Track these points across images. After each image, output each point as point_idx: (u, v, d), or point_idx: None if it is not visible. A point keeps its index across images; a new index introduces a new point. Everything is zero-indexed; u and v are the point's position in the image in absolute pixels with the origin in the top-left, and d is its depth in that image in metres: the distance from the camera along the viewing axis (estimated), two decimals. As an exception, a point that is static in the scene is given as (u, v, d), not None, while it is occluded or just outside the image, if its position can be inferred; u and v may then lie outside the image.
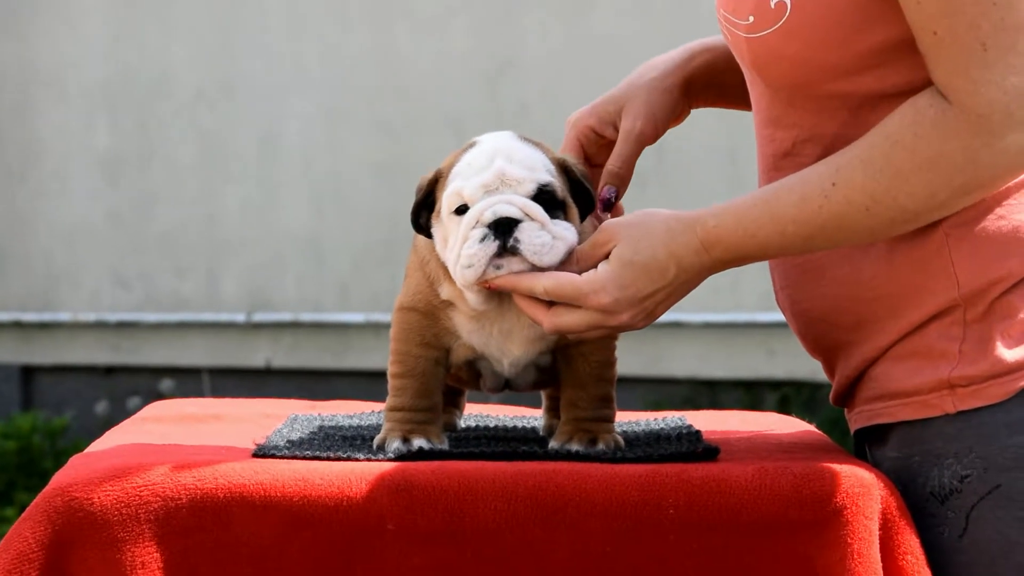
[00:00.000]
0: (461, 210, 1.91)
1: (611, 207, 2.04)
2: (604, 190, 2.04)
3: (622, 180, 2.05)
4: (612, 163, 2.06)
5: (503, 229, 1.88)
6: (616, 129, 2.08)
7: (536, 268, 1.89)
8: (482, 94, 6.56)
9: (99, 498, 1.78)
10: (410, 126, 6.63)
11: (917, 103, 1.81)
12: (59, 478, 1.82)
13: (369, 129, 6.71)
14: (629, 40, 6.34)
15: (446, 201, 1.93)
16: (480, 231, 1.89)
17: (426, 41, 6.63)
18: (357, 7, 6.71)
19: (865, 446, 2.02)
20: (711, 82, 2.11)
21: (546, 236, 1.89)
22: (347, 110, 6.72)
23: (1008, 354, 1.85)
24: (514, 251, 1.89)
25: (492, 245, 1.88)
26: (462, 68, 6.59)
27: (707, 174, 6.16)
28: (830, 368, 2.02)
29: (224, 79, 6.85)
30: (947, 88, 1.79)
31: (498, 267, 1.89)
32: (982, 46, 1.76)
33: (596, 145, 2.10)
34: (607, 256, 1.88)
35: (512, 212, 1.89)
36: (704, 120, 2.17)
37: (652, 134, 2.08)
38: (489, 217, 1.89)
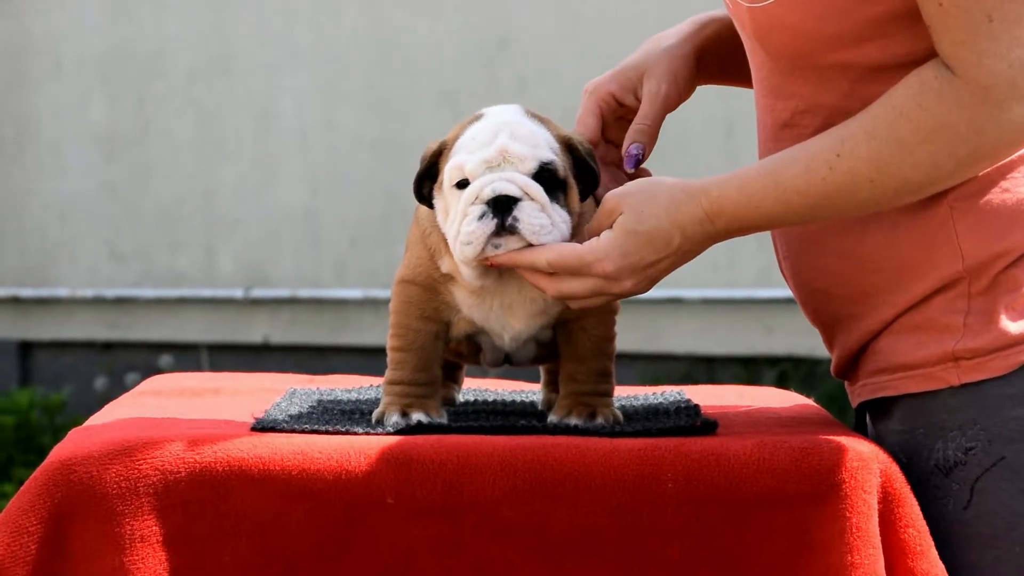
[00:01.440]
0: (462, 184, 1.91)
1: (639, 163, 2.03)
2: (631, 147, 2.02)
3: (650, 138, 2.04)
4: (640, 121, 2.04)
5: (502, 207, 1.88)
6: (636, 97, 2.07)
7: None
8: (478, 71, 6.55)
9: (98, 471, 1.78)
10: (406, 103, 6.62)
11: (922, 74, 1.81)
12: (58, 451, 1.82)
13: (365, 106, 6.70)
14: (625, 15, 6.33)
15: (448, 174, 1.92)
16: (479, 208, 1.89)
17: (421, 17, 6.61)
18: (354, -18, 6.69)
19: (867, 420, 2.03)
20: (719, 53, 2.10)
21: (544, 218, 1.89)
22: (343, 87, 6.71)
23: (1012, 327, 1.86)
24: (512, 230, 1.88)
25: (490, 223, 1.88)
26: (457, 44, 6.58)
27: (704, 147, 6.16)
28: (830, 339, 2.02)
29: (219, 55, 6.84)
30: (952, 59, 1.79)
31: (496, 246, 1.89)
32: (987, 18, 1.76)
33: (615, 114, 2.08)
34: (611, 225, 1.88)
35: (511, 190, 1.88)
36: (702, 93, 2.17)
37: (676, 97, 2.07)
38: (488, 194, 1.89)
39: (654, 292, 1.97)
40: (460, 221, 1.89)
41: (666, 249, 1.87)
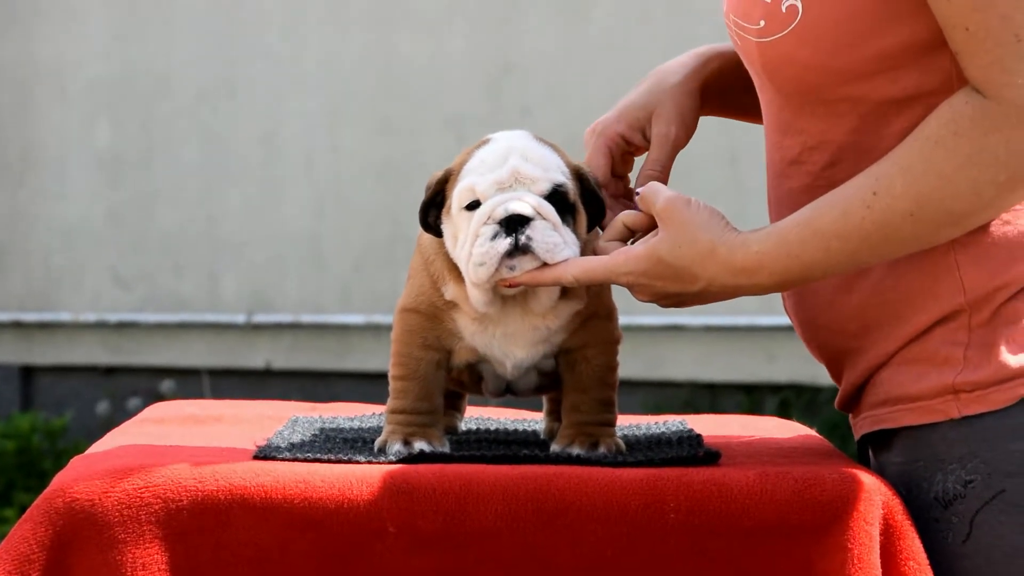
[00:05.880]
0: (472, 206, 1.90)
1: None
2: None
3: (661, 183, 2.05)
4: (650, 168, 2.05)
5: (514, 227, 1.88)
6: (644, 136, 2.07)
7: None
8: (483, 96, 6.56)
9: (100, 499, 1.78)
10: (411, 127, 6.63)
11: (953, 102, 1.80)
12: (60, 479, 1.82)
13: (370, 130, 6.71)
14: (631, 41, 6.34)
15: (457, 197, 1.92)
16: (491, 228, 1.88)
17: (426, 42, 6.63)
18: (357, 8, 6.71)
19: (868, 452, 2.02)
20: (721, 88, 2.11)
21: (557, 236, 1.89)
22: (348, 111, 6.73)
23: (1012, 360, 1.86)
24: (526, 249, 1.88)
25: (503, 243, 1.88)
26: (462, 70, 6.59)
27: (708, 177, 6.16)
28: (836, 374, 2.02)
29: (225, 79, 6.85)
30: (983, 83, 1.78)
31: (511, 267, 1.89)
32: (1015, 38, 1.76)
33: (623, 152, 2.09)
34: (649, 228, 1.89)
35: (524, 209, 1.88)
36: (705, 123, 2.17)
37: (685, 138, 2.08)
38: (501, 214, 1.88)
39: (655, 319, 1.98)
40: (472, 243, 1.89)
41: (691, 286, 1.87)
